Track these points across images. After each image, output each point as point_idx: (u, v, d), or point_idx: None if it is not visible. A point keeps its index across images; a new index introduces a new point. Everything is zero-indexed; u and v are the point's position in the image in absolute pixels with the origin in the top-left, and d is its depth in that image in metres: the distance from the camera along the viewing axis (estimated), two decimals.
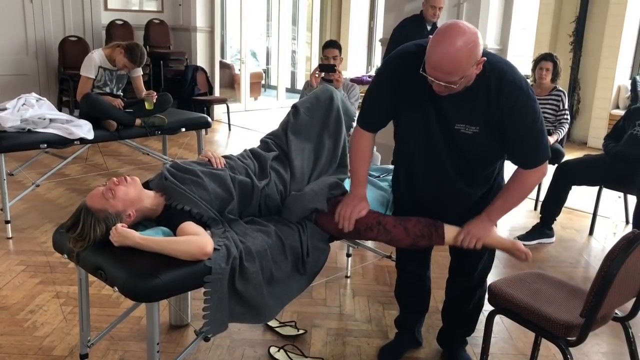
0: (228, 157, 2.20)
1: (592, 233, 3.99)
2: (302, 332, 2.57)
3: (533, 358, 2.38)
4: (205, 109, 7.20)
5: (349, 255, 3.19)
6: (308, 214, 2.09)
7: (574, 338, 1.77)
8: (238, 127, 7.46)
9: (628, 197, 4.12)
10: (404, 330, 2.46)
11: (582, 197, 4.40)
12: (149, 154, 4.67)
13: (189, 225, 1.87)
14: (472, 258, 2.18)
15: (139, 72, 4.23)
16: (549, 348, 2.47)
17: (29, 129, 3.49)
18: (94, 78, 4.00)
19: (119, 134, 3.87)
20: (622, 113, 4.37)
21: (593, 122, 6.97)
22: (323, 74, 3.63)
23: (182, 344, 2.44)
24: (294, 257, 2.01)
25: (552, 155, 4.04)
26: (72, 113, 5.11)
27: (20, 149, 3.51)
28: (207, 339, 1.88)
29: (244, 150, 2.28)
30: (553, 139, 4.13)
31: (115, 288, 1.72)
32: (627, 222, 4.20)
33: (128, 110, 4.02)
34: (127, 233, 1.80)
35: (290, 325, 2.60)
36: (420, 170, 2.02)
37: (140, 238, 1.79)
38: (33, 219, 3.85)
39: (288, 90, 9.61)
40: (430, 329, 2.61)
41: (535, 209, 4.40)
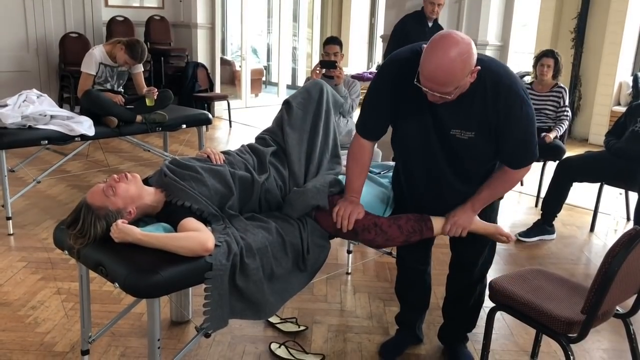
0: (226, 152, 2.20)
1: (593, 230, 3.99)
2: (303, 328, 2.57)
3: (534, 354, 2.39)
4: (206, 106, 7.21)
5: (350, 252, 3.19)
6: (309, 211, 2.09)
7: (575, 335, 1.78)
8: (239, 123, 7.46)
9: (629, 193, 4.12)
10: (405, 327, 2.47)
11: (583, 193, 4.40)
12: (150, 151, 4.67)
13: (190, 222, 1.86)
14: (472, 254, 2.20)
15: (140, 68, 4.23)
16: (550, 344, 2.47)
17: (30, 126, 3.49)
18: (95, 74, 4.00)
19: (120, 131, 3.88)
20: (623, 110, 4.36)
21: (594, 118, 6.96)
22: (324, 71, 3.63)
23: (183, 340, 2.45)
24: (295, 253, 2.01)
25: (552, 152, 4.12)
26: (72, 110, 5.10)
27: (21, 146, 3.51)
28: (207, 335, 1.88)
29: (242, 146, 2.28)
30: (552, 135, 4.13)
31: (116, 284, 1.72)
32: (628, 218, 4.19)
33: (129, 107, 4.02)
34: (127, 229, 1.79)
35: (291, 322, 2.60)
36: (419, 173, 2.04)
37: (141, 234, 1.79)
38: (34, 216, 3.85)
39: (289, 87, 9.59)
40: (431, 326, 2.61)
41: (536, 206, 4.40)
